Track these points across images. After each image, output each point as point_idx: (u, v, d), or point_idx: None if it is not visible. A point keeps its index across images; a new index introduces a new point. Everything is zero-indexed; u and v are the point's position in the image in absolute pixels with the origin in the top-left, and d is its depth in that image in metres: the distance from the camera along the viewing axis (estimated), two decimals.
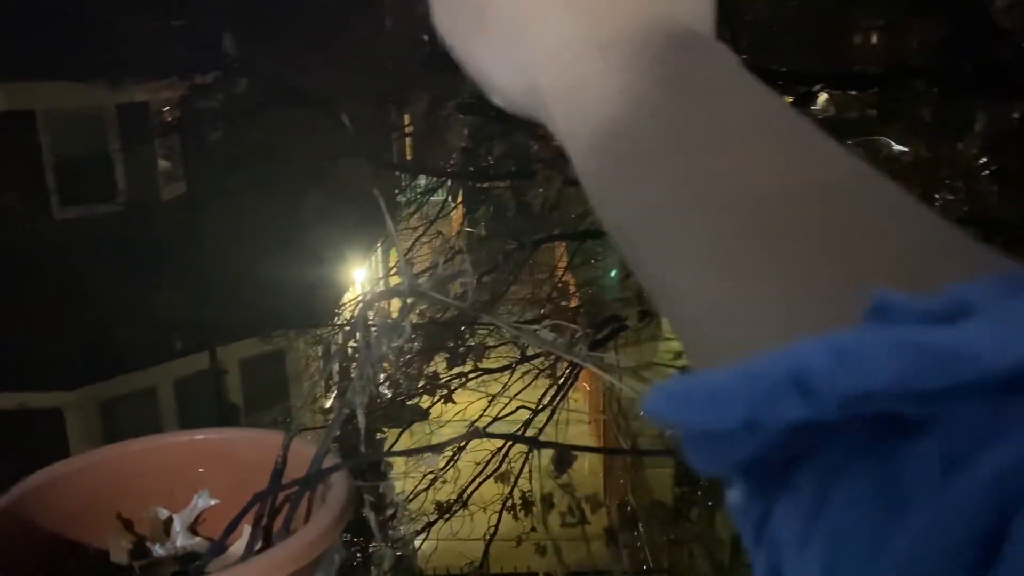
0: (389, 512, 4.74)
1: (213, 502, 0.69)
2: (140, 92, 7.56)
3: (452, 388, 3.72)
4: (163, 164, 8.39)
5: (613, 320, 3.28)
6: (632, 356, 4.51)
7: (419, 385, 3.75)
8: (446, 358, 3.64)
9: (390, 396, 4.24)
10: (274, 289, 5.83)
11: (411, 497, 4.43)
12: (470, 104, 3.14)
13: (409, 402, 4.25)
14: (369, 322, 0.78)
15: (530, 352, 3.82)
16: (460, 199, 6.30)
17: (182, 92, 7.42)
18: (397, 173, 6.20)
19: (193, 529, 0.69)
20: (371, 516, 0.73)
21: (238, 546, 0.69)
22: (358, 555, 5.31)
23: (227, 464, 0.69)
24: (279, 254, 6.38)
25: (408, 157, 7.40)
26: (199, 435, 0.70)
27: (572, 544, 4.15)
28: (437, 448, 0.75)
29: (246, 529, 0.68)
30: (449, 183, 5.48)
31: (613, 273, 4.76)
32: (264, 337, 5.76)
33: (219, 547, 0.67)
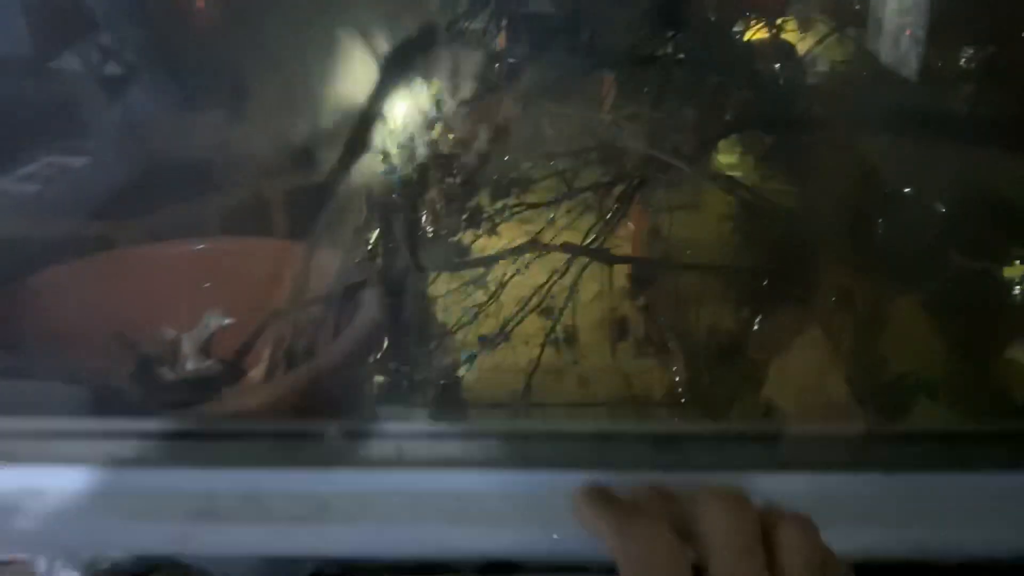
0: (433, 344, 4.81)
1: (227, 322, 0.61)
2: None
3: (496, 222, 3.61)
4: None
5: (668, 152, 3.10)
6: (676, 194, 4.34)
7: (463, 218, 3.65)
8: (489, 192, 3.51)
9: (432, 233, 4.17)
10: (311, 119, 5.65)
11: (454, 330, 4.45)
12: None
13: (452, 239, 4.17)
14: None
15: (577, 185, 3.66)
16: (504, 25, 5.94)
17: None
18: None
19: (207, 350, 0.61)
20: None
21: (258, 372, 0.61)
22: (404, 383, 5.47)
23: (239, 279, 0.60)
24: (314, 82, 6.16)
25: None
26: (203, 244, 0.60)
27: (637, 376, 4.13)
28: (494, 260, 0.65)
29: (265, 346, 0.60)
30: (492, 5, 5.12)
31: None
32: (305, 170, 5.66)
33: (234, 371, 0.59)
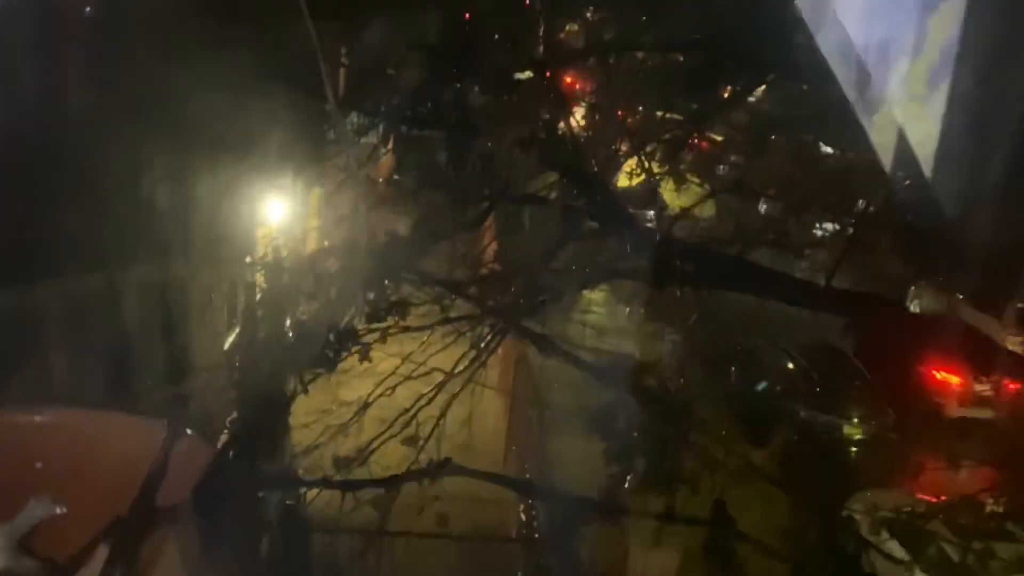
0: (286, 462, 4.53)
1: (58, 511, 0.51)
2: None
3: (370, 344, 3.51)
4: None
5: (544, 290, 3.15)
6: (549, 327, 4.41)
7: (334, 340, 3.53)
8: (366, 312, 3.43)
9: (297, 344, 4.01)
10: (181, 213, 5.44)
11: (312, 448, 4.25)
12: (425, 44, 2.90)
13: (325, 351, 4.00)
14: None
15: (453, 314, 3.65)
16: (391, 145, 6.00)
17: None
18: (328, 107, 5.83)
19: (26, 545, 0.51)
20: None
21: (89, 570, 0.51)
22: (249, 504, 5.09)
23: (81, 460, 0.51)
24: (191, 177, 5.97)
25: (342, 92, 7.00)
26: (43, 416, 0.51)
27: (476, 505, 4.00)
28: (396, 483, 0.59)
29: (102, 551, 0.50)
30: (381, 127, 5.18)
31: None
32: (164, 264, 5.38)
33: (59, 574, 0.49)
